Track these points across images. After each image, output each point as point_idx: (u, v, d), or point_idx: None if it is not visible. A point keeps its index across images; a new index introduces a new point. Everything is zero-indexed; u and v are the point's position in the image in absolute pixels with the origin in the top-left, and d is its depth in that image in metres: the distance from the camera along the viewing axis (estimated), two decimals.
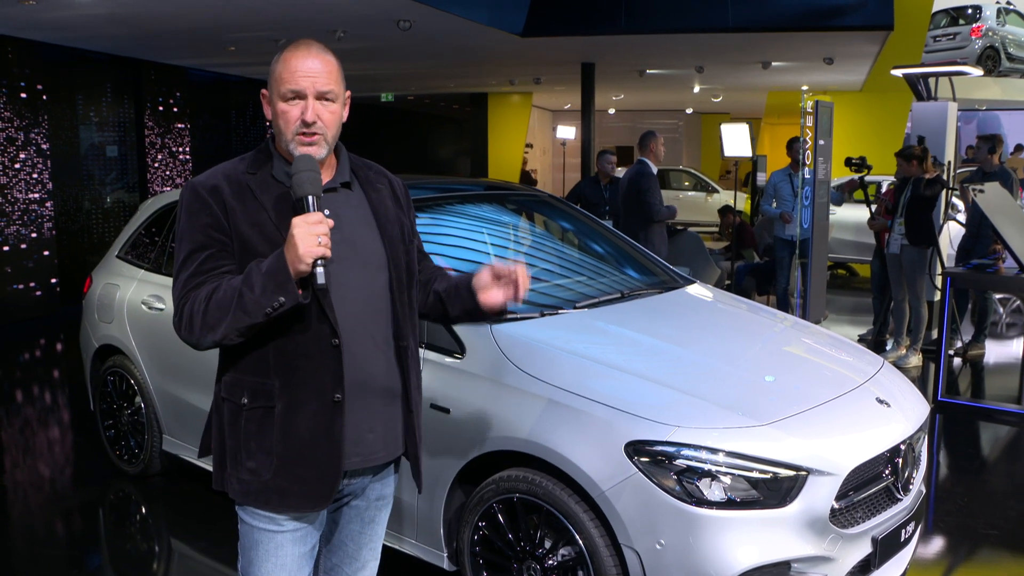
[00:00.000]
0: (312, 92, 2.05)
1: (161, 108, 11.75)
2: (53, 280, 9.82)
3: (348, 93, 2.16)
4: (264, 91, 2.13)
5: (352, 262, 2.09)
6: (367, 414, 2.13)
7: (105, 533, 4.39)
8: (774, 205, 8.07)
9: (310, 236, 1.91)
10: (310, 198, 1.97)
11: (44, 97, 9.64)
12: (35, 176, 9.53)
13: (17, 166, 9.28)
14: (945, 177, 8.02)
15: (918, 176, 6.94)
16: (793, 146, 7.99)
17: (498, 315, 2.36)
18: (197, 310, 1.99)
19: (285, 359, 2.05)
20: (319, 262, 1.93)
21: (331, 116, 2.08)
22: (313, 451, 2.06)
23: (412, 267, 2.27)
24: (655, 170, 7.17)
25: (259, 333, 2.02)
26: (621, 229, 6.89)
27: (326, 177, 2.14)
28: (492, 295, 2.28)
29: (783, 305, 8.03)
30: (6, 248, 9.22)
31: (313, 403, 2.05)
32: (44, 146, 9.64)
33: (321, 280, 1.94)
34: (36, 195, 9.56)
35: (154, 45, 10.21)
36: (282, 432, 2.05)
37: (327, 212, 2.01)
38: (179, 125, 12.10)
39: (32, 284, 9.54)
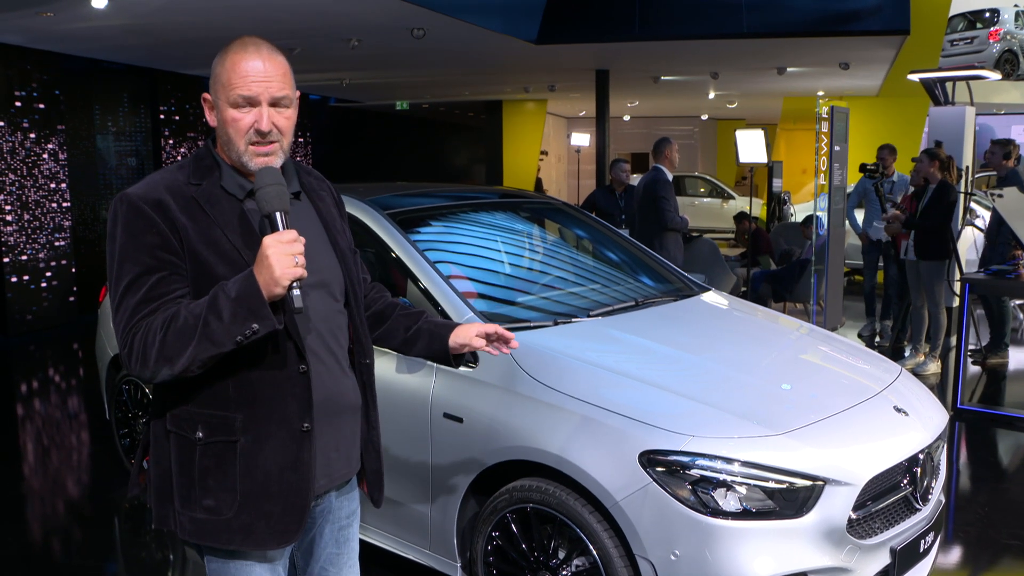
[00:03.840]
0: (266, 99, 1.89)
1: (177, 118, 11.82)
2: (72, 289, 9.89)
3: (298, 94, 2.00)
4: (206, 95, 1.96)
5: (309, 280, 1.88)
6: (333, 435, 2.03)
7: (121, 541, 4.40)
8: (861, 210, 8.41)
9: (286, 256, 1.76)
10: (279, 215, 1.83)
11: (62, 107, 9.72)
12: (53, 186, 9.61)
13: (36, 175, 9.37)
14: (963, 182, 7.96)
15: (941, 182, 6.81)
16: (880, 153, 8.24)
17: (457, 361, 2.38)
18: (151, 341, 1.79)
19: (248, 390, 1.90)
20: (295, 284, 1.78)
21: (287, 122, 1.93)
22: (280, 485, 1.92)
23: (360, 280, 2.19)
24: (670, 177, 7.15)
25: (217, 363, 1.84)
26: (636, 236, 6.87)
27: None
28: (473, 343, 2.31)
29: (872, 302, 8.63)
30: (24, 257, 9.29)
31: (280, 434, 1.91)
32: (62, 156, 9.72)
33: (298, 304, 1.79)
34: (54, 205, 9.64)
35: (170, 55, 10.30)
36: (246, 467, 1.90)
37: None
38: (195, 134, 12.17)
39: (50, 293, 9.61)
